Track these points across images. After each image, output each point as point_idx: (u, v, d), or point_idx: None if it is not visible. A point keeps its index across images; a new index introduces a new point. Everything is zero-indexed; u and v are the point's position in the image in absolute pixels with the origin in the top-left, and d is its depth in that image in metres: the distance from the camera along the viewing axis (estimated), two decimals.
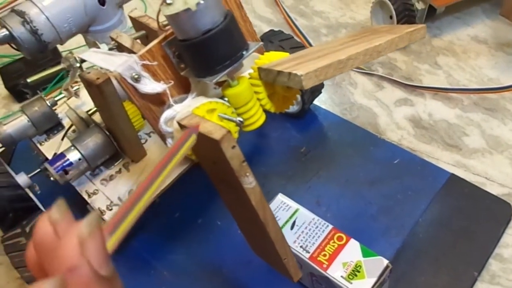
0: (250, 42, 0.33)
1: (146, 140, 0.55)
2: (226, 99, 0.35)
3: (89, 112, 0.55)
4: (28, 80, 0.41)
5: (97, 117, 0.53)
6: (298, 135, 0.65)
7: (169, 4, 0.29)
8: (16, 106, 0.78)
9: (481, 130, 0.63)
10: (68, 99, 0.59)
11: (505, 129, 0.62)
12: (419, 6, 0.73)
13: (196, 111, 0.32)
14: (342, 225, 0.46)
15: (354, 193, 0.58)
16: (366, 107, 0.68)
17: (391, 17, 0.73)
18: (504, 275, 0.49)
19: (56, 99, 0.56)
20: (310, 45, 0.77)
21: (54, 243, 0.19)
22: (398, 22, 0.70)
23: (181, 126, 0.29)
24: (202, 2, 0.28)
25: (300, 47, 0.59)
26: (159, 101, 0.36)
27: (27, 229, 0.48)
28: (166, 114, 0.34)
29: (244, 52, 0.32)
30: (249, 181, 0.27)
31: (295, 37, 0.62)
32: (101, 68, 0.35)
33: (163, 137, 0.37)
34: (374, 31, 0.38)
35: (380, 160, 0.60)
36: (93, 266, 0.18)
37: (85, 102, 0.59)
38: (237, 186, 0.28)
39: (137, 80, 0.33)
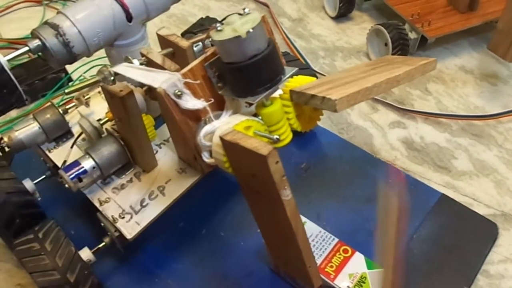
0: (285, 67, 0.36)
1: (157, 151, 0.57)
2: (259, 117, 0.38)
3: (101, 122, 0.56)
4: (66, 90, 0.43)
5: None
6: (299, 152, 0.68)
7: (219, 30, 0.32)
8: (14, 112, 0.78)
9: (468, 154, 0.67)
10: (77, 107, 0.60)
11: (490, 154, 0.67)
12: (412, 35, 0.78)
13: (236, 127, 0.35)
14: (340, 239, 0.49)
15: (352, 209, 0.61)
16: (362, 128, 0.72)
17: (386, 44, 0.77)
18: None
19: (67, 107, 0.58)
20: (309, 65, 0.81)
21: None
22: (392, 50, 0.75)
23: (223, 141, 0.32)
24: (251, 30, 0.31)
25: (305, 68, 0.62)
26: (196, 116, 0.38)
27: (40, 235, 0.49)
28: (206, 129, 0.36)
29: (282, 76, 0.35)
30: (287, 194, 0.30)
31: None
32: (141, 83, 0.37)
33: (199, 150, 0.39)
34: (390, 61, 0.41)
35: (375, 179, 0.64)
36: None
37: (94, 111, 0.60)
38: (275, 198, 0.30)
39: (179, 96, 0.36)
